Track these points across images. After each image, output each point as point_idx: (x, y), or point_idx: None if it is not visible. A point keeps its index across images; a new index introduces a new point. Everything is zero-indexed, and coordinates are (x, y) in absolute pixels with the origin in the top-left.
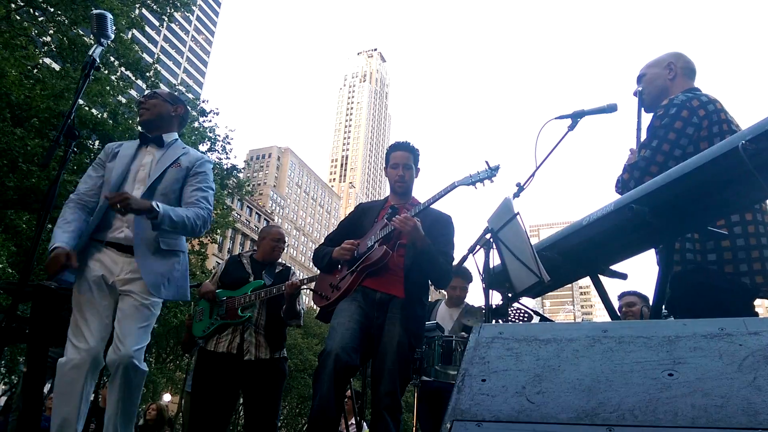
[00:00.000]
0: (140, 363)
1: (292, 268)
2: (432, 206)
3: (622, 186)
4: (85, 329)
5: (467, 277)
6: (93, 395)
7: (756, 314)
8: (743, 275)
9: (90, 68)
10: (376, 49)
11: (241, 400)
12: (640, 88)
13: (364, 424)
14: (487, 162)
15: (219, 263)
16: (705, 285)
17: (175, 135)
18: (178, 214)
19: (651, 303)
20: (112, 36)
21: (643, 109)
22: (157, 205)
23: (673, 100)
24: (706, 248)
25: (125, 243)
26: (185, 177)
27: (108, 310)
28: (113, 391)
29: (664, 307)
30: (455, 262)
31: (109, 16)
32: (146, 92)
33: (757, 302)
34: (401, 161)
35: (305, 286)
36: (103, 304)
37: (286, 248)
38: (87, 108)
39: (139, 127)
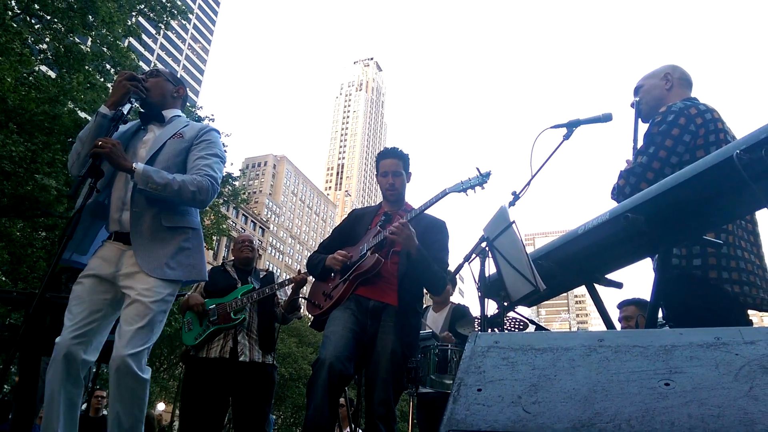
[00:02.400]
0: (135, 366)
1: (276, 272)
2: (425, 212)
3: (617, 192)
4: (66, 323)
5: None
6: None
7: (749, 323)
8: (725, 282)
9: (119, 120)
10: (372, 58)
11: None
12: (637, 99)
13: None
14: (478, 168)
15: None
16: (688, 292)
17: (178, 111)
18: (162, 176)
19: (647, 312)
20: (144, 96)
21: (640, 119)
22: (137, 164)
23: (671, 107)
24: (692, 253)
25: (123, 230)
26: (189, 148)
27: (102, 305)
28: (111, 396)
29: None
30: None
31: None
32: (147, 70)
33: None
34: (390, 169)
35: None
36: (95, 299)
37: (281, 256)
38: (82, 115)
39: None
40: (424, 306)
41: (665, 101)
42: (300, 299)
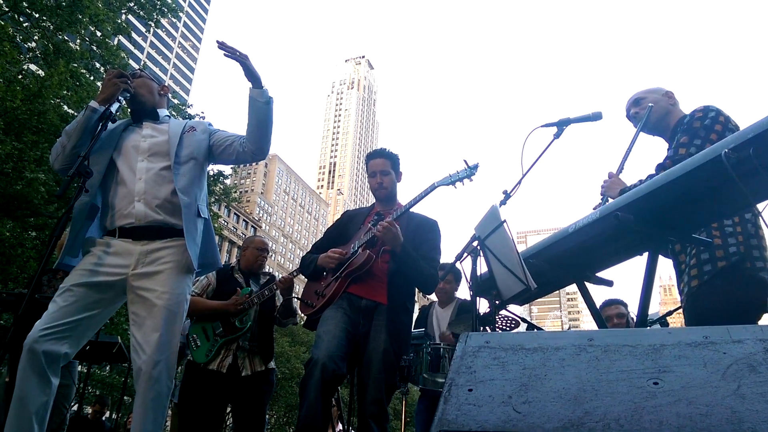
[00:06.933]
0: (168, 371)
1: (277, 276)
2: (418, 211)
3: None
4: (45, 317)
5: (454, 273)
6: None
7: None
8: (761, 270)
9: (106, 120)
10: (363, 57)
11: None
12: (637, 110)
13: (352, 431)
14: (465, 161)
15: (207, 275)
16: (728, 285)
17: (165, 111)
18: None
19: (638, 311)
20: (132, 92)
21: (642, 130)
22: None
23: (710, 107)
24: (728, 243)
25: (141, 224)
26: (208, 138)
27: (94, 305)
28: (136, 404)
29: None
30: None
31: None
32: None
33: None
34: (378, 168)
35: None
36: (88, 296)
37: (273, 255)
38: (72, 113)
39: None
40: (429, 302)
41: (671, 114)
42: (294, 300)
